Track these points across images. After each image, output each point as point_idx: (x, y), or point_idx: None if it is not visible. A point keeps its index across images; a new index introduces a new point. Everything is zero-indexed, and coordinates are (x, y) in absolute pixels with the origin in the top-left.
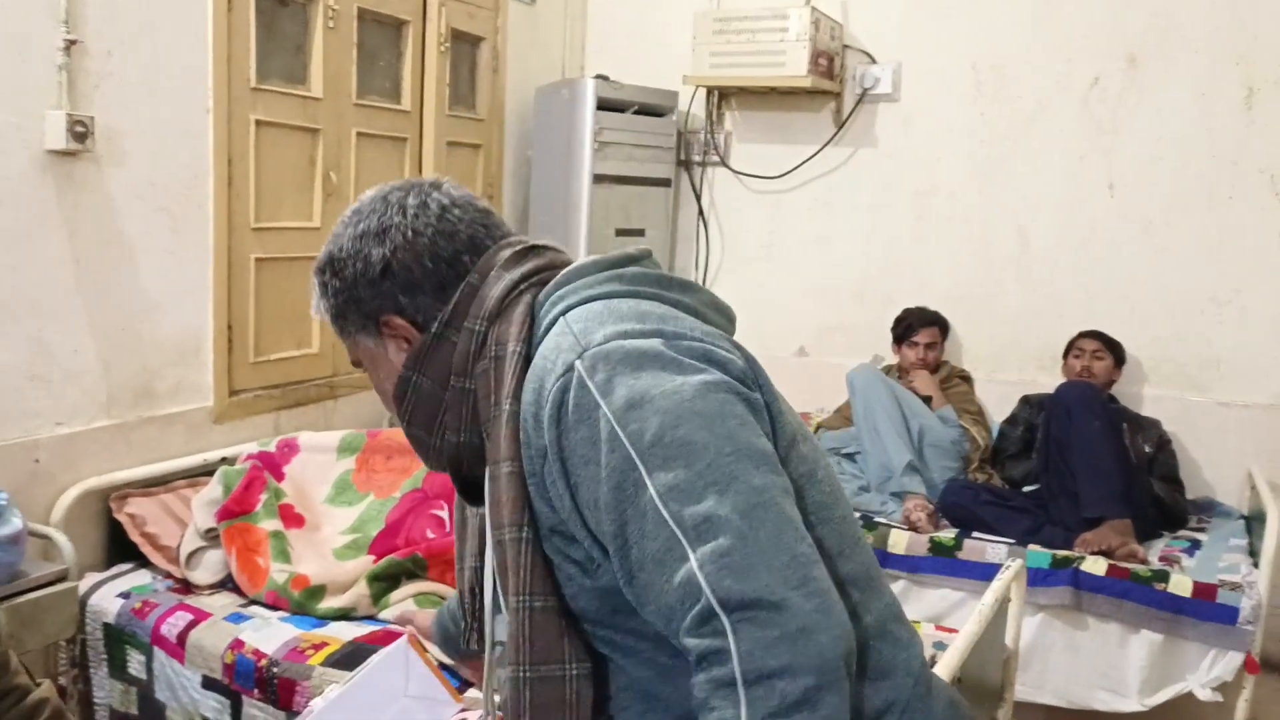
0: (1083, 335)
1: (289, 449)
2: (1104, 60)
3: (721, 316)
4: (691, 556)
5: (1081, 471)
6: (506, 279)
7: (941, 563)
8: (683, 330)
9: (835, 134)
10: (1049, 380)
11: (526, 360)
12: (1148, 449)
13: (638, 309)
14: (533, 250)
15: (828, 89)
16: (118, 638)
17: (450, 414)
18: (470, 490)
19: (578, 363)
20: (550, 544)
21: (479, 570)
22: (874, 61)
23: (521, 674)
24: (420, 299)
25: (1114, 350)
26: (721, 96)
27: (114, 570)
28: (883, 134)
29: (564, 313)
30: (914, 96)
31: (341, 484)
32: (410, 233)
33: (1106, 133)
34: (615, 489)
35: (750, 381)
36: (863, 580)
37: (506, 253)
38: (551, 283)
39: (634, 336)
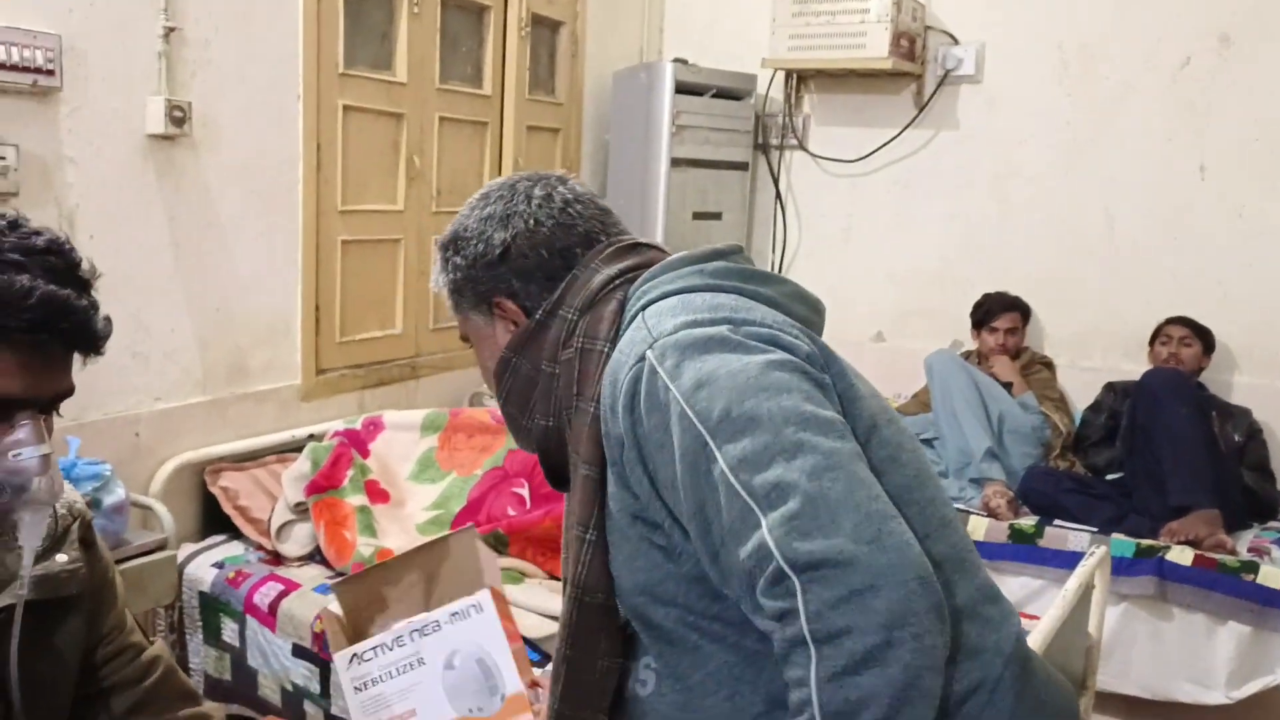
0: (1170, 321)
1: (374, 427)
2: (1195, 39)
3: (806, 307)
4: (763, 522)
5: (1168, 460)
6: (604, 273)
7: (1022, 550)
8: (751, 318)
9: (916, 116)
10: (1133, 368)
11: (610, 358)
12: (1237, 438)
13: (712, 302)
14: (634, 248)
15: (909, 71)
16: (212, 606)
17: (540, 398)
18: (555, 475)
19: (649, 352)
20: (635, 530)
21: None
22: (956, 42)
23: (563, 652)
24: (532, 286)
25: (1203, 337)
26: (800, 79)
27: (208, 541)
28: (964, 116)
29: (644, 308)
30: (997, 78)
31: (425, 461)
32: (532, 221)
33: (1198, 114)
34: (690, 468)
35: (818, 364)
36: (951, 561)
37: (610, 249)
38: (640, 279)
39: (702, 325)
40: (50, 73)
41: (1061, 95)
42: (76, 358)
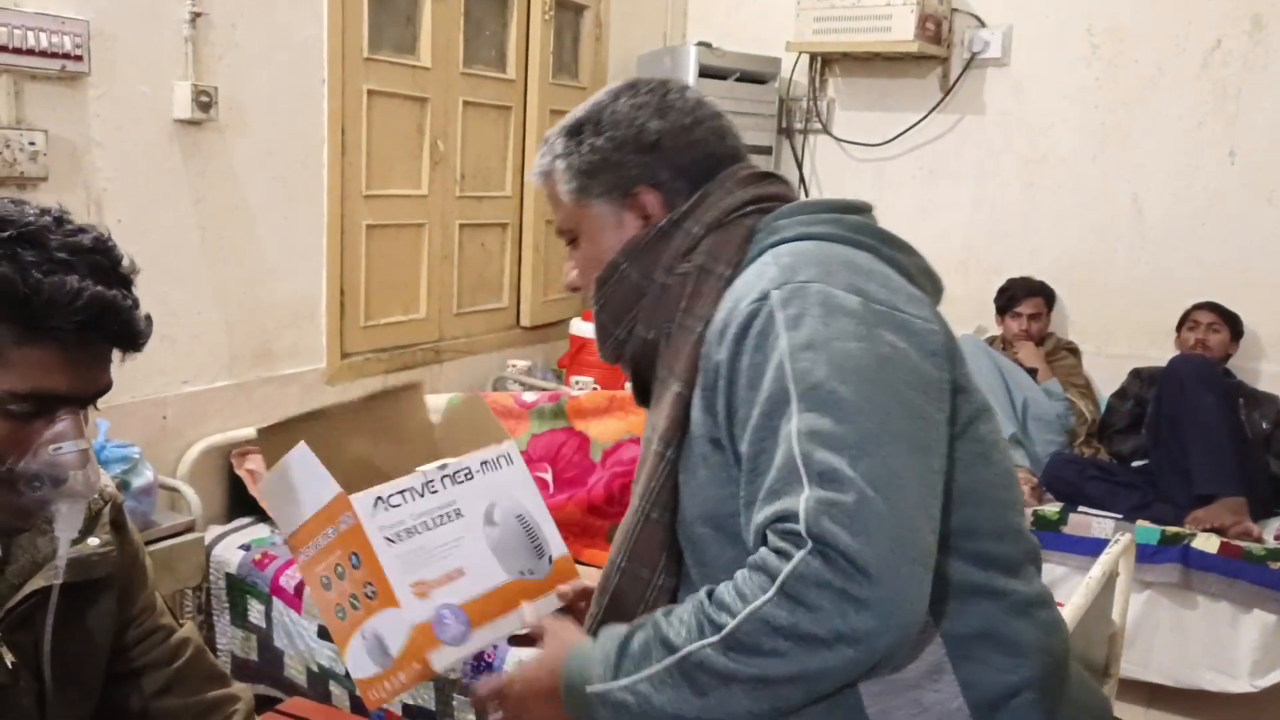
0: (1198, 307)
1: None
2: (1227, 22)
3: (930, 283)
4: (804, 492)
5: (1194, 447)
6: (738, 195)
7: (1045, 536)
8: (886, 297)
9: (941, 100)
10: (1160, 354)
11: (728, 284)
12: (1265, 425)
13: (851, 259)
14: (767, 177)
15: (934, 54)
16: (239, 587)
17: (645, 309)
18: (641, 388)
19: (775, 293)
20: (716, 457)
21: None
22: (983, 25)
23: (618, 562)
24: (678, 183)
25: (1231, 323)
26: (824, 63)
27: (235, 523)
28: (991, 100)
29: (777, 245)
30: (1025, 61)
31: None
32: (690, 119)
33: (1229, 98)
34: (765, 415)
35: (944, 356)
36: (1015, 565)
37: (746, 172)
38: (773, 213)
39: (837, 286)
40: (79, 58)
41: (1090, 79)
42: (115, 354)
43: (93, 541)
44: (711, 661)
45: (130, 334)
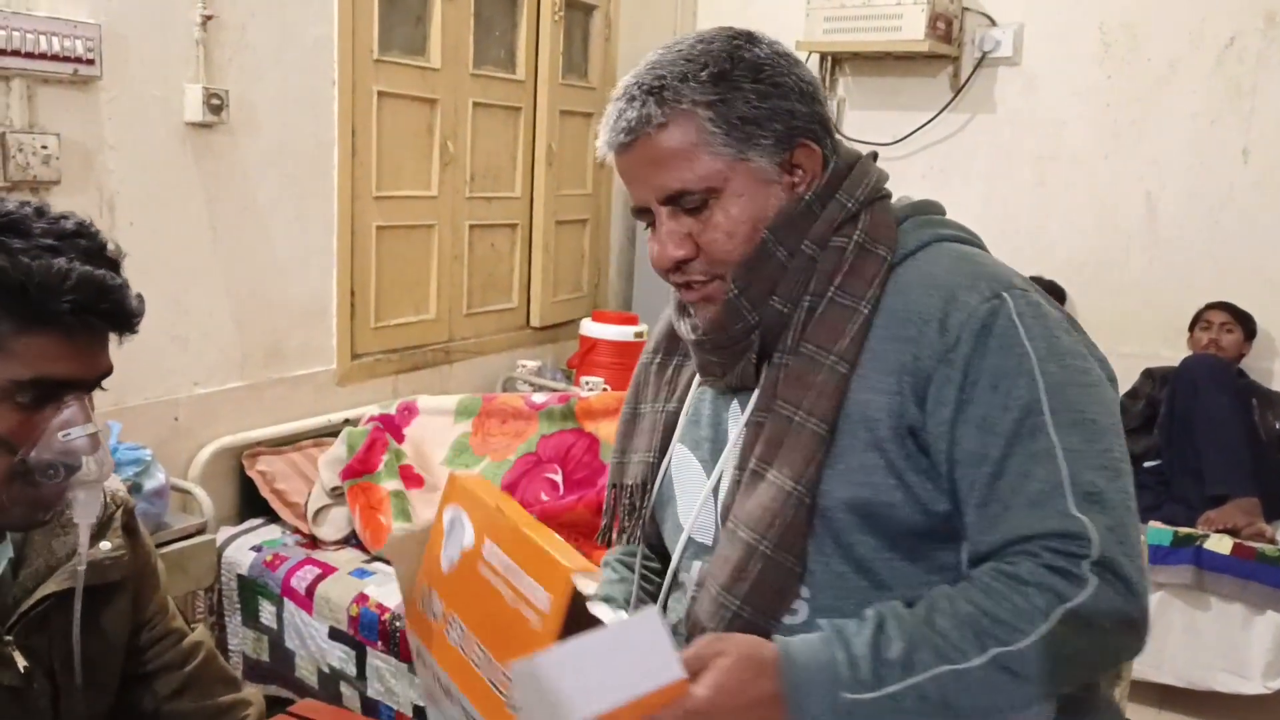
0: (1211, 307)
1: (408, 411)
2: (1241, 19)
3: None
4: (1078, 513)
5: (1207, 447)
6: (880, 172)
7: None
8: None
9: (952, 99)
10: (1172, 354)
11: (890, 269)
12: (1278, 425)
13: (1014, 273)
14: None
15: (945, 53)
16: (251, 588)
17: (785, 283)
18: (723, 363)
19: (1006, 295)
20: (897, 446)
21: (654, 466)
22: (994, 24)
23: (761, 547)
24: (828, 141)
25: (1244, 323)
26: (835, 62)
27: (246, 525)
28: (1002, 98)
29: (939, 240)
30: (1036, 59)
31: (459, 447)
32: (815, 83)
33: (1244, 95)
34: (1017, 422)
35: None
36: None
37: (863, 150)
38: (913, 204)
39: (1045, 302)
40: (90, 62)
41: (1102, 77)
42: (113, 337)
43: (105, 546)
44: (992, 679)
45: (123, 313)
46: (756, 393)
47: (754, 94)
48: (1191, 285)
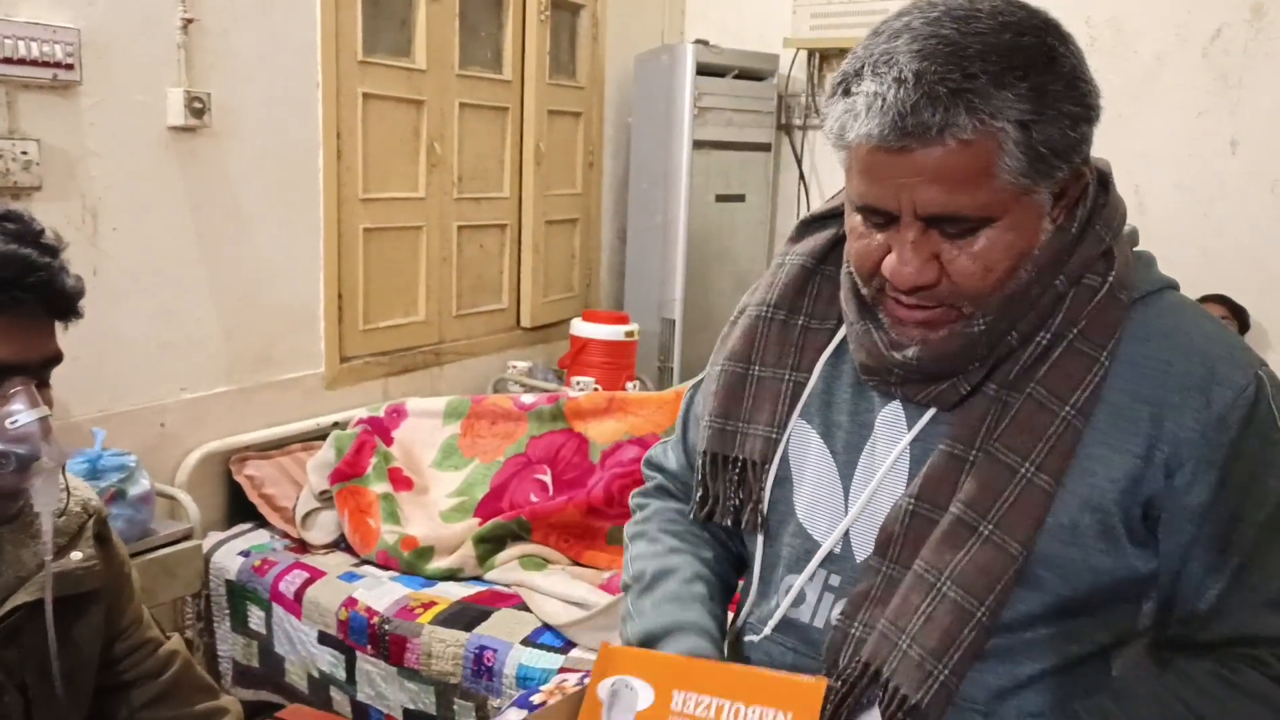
0: (1207, 299)
1: (397, 414)
2: (1227, 10)
3: None
4: None
5: None
6: (1121, 200)
7: None
8: None
9: None
10: None
11: (1125, 312)
12: None
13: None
14: None
15: None
16: (239, 594)
17: (1028, 319)
18: (922, 385)
19: (1262, 375)
20: (1119, 508)
21: (774, 441)
22: None
23: (979, 615)
24: (1086, 167)
25: (1239, 316)
26: (823, 59)
27: (234, 530)
28: None
29: (1169, 287)
30: None
31: (448, 449)
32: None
33: (1230, 87)
34: (1271, 517)
35: None
36: None
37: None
38: (1128, 233)
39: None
40: (70, 67)
41: (1090, 70)
42: (59, 325)
43: (76, 555)
44: None
45: (58, 293)
46: (954, 420)
47: (1068, 119)
48: (1182, 277)
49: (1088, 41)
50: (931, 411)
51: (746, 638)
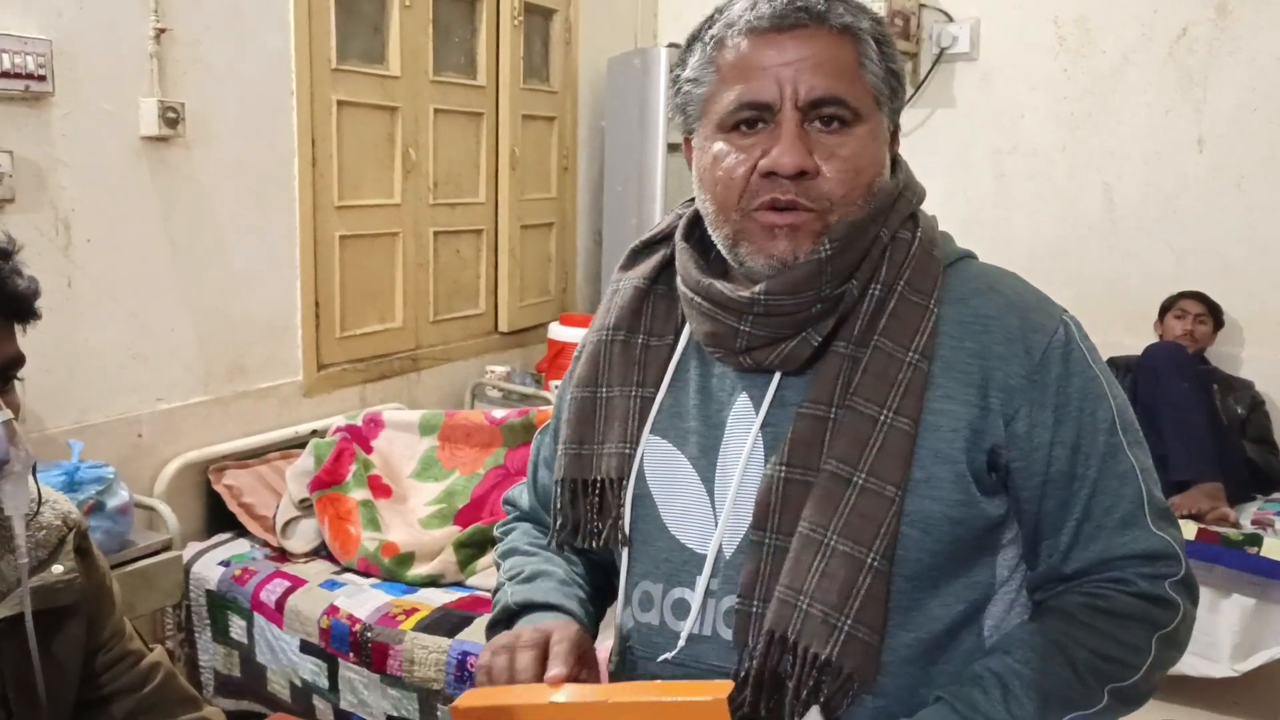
0: (1185, 296)
1: (375, 424)
2: (1192, 9)
3: None
4: (1159, 531)
5: (1170, 434)
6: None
7: None
8: None
9: (912, 95)
10: (1136, 342)
11: (942, 270)
12: (1240, 410)
13: None
14: None
15: (903, 49)
16: (220, 604)
17: (865, 266)
18: (769, 335)
19: (1067, 319)
20: (966, 457)
21: (628, 457)
22: (951, 20)
23: (871, 560)
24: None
25: (1215, 314)
26: None
27: (214, 539)
28: (961, 93)
29: (970, 256)
30: (993, 54)
31: (427, 460)
32: None
33: (1195, 85)
34: (1104, 444)
35: None
36: None
37: None
38: (927, 218)
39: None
40: (42, 78)
41: (1058, 70)
42: (18, 327)
43: (57, 569)
44: (1113, 712)
45: (11, 295)
46: (811, 383)
47: (899, 58)
48: (1152, 273)
49: (1055, 40)
50: (778, 378)
51: (637, 666)
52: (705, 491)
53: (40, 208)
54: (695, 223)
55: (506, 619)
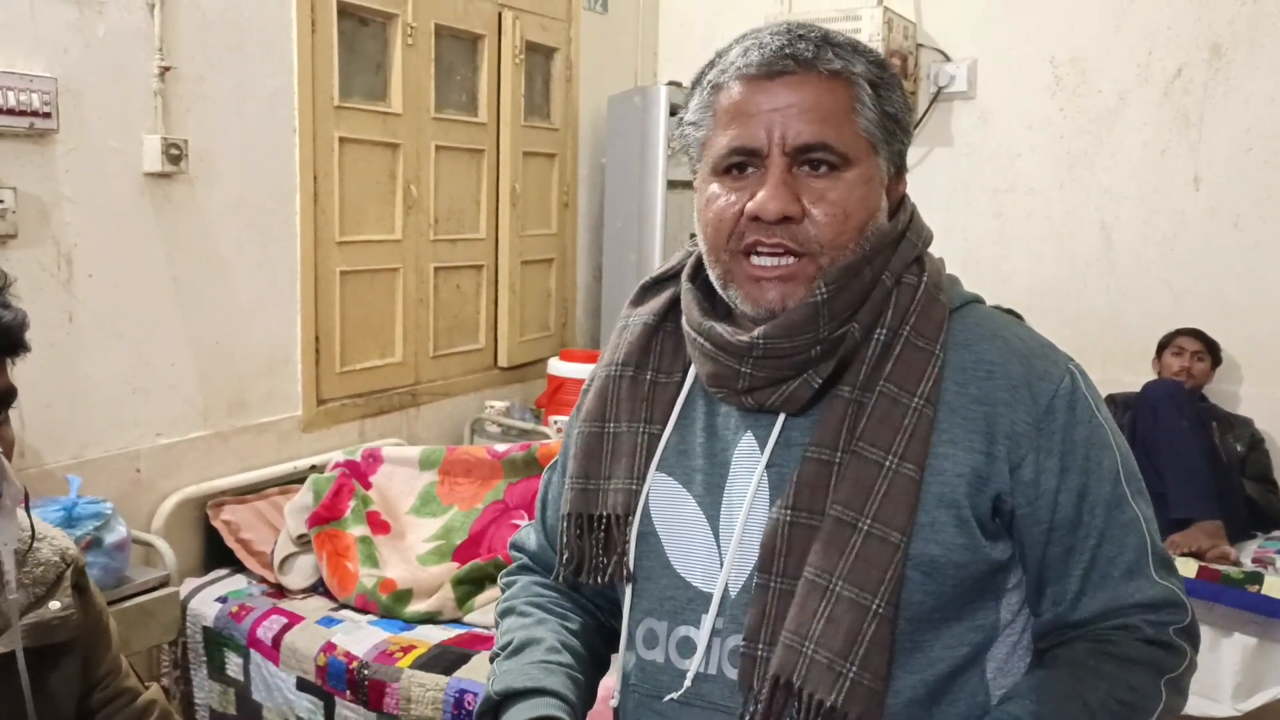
0: (1183, 333)
1: (374, 459)
2: (1187, 50)
3: None
4: (1162, 580)
5: (1169, 472)
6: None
7: None
8: None
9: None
10: (1134, 379)
11: (948, 316)
12: (1239, 448)
13: None
14: None
15: None
16: (216, 640)
17: (866, 309)
18: (769, 377)
19: (1073, 369)
20: (969, 503)
21: (635, 493)
22: (949, 59)
23: (876, 607)
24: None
25: (1213, 352)
26: None
27: (211, 575)
28: (959, 132)
29: (977, 300)
30: (990, 93)
31: (426, 496)
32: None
33: (1191, 125)
34: (1111, 493)
35: None
36: None
37: None
38: (934, 261)
39: None
40: (47, 115)
41: (1054, 109)
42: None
43: (54, 605)
44: None
45: None
46: (816, 427)
47: (900, 100)
48: (1149, 312)
49: (1052, 81)
50: (782, 418)
51: (641, 705)
52: (710, 530)
53: (43, 243)
54: (702, 263)
55: (493, 710)
